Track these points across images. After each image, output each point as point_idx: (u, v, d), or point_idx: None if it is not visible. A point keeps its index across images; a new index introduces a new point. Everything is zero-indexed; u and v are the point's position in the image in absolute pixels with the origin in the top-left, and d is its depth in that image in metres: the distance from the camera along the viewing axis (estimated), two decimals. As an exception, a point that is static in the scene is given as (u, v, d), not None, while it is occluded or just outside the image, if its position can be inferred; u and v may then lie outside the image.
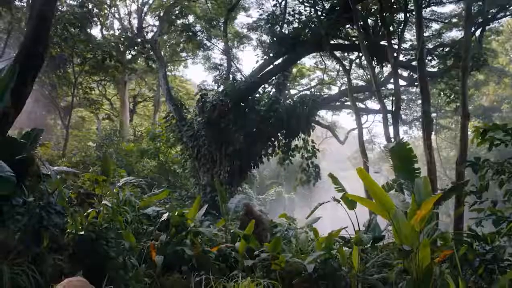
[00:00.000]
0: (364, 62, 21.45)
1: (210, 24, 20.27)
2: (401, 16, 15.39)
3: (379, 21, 15.37)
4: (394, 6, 15.29)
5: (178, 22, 20.55)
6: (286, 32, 17.25)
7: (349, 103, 22.88)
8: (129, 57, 22.69)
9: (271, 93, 19.11)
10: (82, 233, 5.43)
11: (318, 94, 21.76)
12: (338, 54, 19.79)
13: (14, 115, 7.78)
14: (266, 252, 6.45)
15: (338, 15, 15.38)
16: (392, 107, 14.20)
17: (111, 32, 24.76)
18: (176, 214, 6.98)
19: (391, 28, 14.63)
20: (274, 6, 18.19)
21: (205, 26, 20.48)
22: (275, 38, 17.24)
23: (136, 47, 19.66)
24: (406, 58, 18.19)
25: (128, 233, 5.95)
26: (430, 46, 17.38)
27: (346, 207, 8.10)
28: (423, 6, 13.99)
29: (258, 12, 22.37)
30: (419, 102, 25.70)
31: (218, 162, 17.64)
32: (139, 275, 5.59)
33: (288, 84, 21.96)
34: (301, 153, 19.86)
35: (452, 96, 14.81)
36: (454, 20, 18.91)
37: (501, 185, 5.74)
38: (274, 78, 19.16)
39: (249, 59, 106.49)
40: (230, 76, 19.21)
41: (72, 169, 9.12)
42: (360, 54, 18.30)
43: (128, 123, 27.26)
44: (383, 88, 20.28)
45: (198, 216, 8.26)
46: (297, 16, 16.49)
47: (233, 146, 17.32)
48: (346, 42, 18.19)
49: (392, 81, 19.69)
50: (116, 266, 5.54)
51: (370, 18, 15.97)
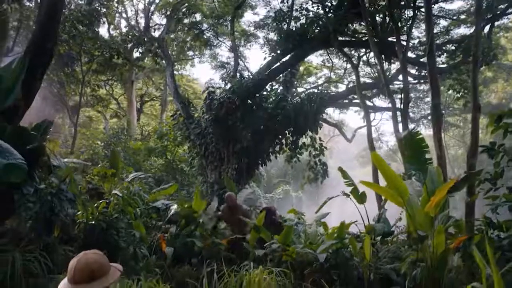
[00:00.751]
0: (371, 60, 21.40)
1: (217, 21, 20.25)
2: (409, 12, 15.32)
3: (387, 17, 15.28)
4: (402, 2, 15.22)
5: (185, 20, 20.53)
6: (294, 29, 17.18)
7: (356, 101, 22.81)
8: (136, 54, 22.71)
9: (279, 90, 19.06)
10: (93, 222, 5.42)
11: (326, 91, 21.68)
12: (345, 51, 19.77)
13: (24, 109, 7.80)
14: (276, 243, 6.41)
15: (346, 11, 15.31)
16: (400, 104, 14.11)
17: (118, 31, 24.84)
18: (185, 206, 6.96)
19: (399, 24, 14.55)
20: (282, 2, 18.11)
21: (212, 23, 20.45)
22: (283, 35, 17.19)
23: (143, 45, 19.64)
24: (414, 55, 18.09)
25: (138, 223, 5.93)
26: (438, 42, 17.24)
27: (355, 201, 8.05)
28: (432, 1, 13.87)
29: (266, 8, 22.28)
30: (427, 99, 25.63)
31: (225, 159, 17.59)
32: (150, 265, 5.56)
33: (295, 82, 21.89)
34: (308, 150, 19.80)
35: (461, 91, 14.69)
36: (463, 16, 18.81)
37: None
38: (281, 75, 19.13)
39: (256, 58, 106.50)
40: (237, 73, 19.15)
41: (81, 161, 9.10)
42: (367, 51, 18.19)
43: (135, 123, 27.31)
44: (391, 85, 20.15)
45: (210, 209, 8.26)
46: (304, 12, 16.41)
47: (240, 144, 17.27)
48: (353, 39, 18.07)
49: (399, 78, 19.67)
50: (126, 256, 5.52)
51: (378, 14, 15.87)
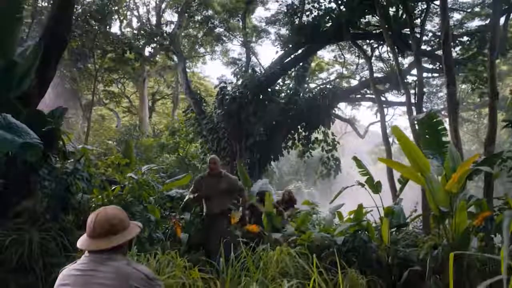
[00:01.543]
0: (384, 55, 21.24)
1: (229, 15, 20.24)
2: (423, 4, 15.13)
3: (401, 8, 15.12)
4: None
5: (197, 16, 20.56)
6: (305, 22, 17.09)
7: (369, 96, 22.66)
8: (149, 49, 22.84)
9: (291, 85, 19.01)
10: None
11: (338, 86, 21.59)
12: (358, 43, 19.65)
13: (38, 98, 7.82)
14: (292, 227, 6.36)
15: (359, 3, 15.19)
16: (414, 98, 13.94)
17: (130, 29, 24.96)
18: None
19: (413, 16, 14.38)
20: (293, -4, 18.03)
21: (223, 18, 20.44)
22: (294, 29, 17.12)
23: (155, 41, 19.71)
24: (429, 47, 17.91)
25: (153, 207, 5.89)
26: (453, 34, 17.03)
27: (370, 191, 7.94)
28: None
29: (277, 2, 22.19)
30: (440, 94, 25.39)
31: (238, 154, 17.58)
32: (166, 248, 5.51)
33: (307, 78, 21.79)
34: (321, 146, 19.74)
35: (476, 82, 14.48)
36: (477, 9, 18.57)
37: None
38: (293, 69, 19.06)
39: (267, 54, 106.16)
40: (249, 68, 19.12)
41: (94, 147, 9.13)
42: (380, 42, 18.02)
43: (147, 120, 27.40)
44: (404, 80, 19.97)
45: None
46: (316, 5, 16.31)
47: (253, 138, 17.27)
48: (366, 32, 17.91)
49: (412, 72, 19.47)
50: (141, 239, 5.48)
51: (391, 6, 15.70)
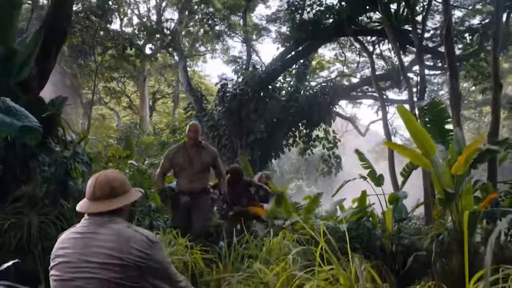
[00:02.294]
0: (385, 53, 21.18)
1: (229, 12, 20.21)
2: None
3: (402, 4, 15.08)
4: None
5: (198, 12, 20.54)
6: (306, 18, 17.04)
7: (370, 93, 22.62)
8: (149, 45, 22.79)
9: (292, 82, 18.97)
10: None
11: (339, 83, 21.55)
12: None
13: (37, 89, 7.76)
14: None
15: (360, -1, 15.16)
16: (416, 94, 13.88)
17: (130, 28, 24.95)
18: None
19: (414, 11, 14.33)
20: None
21: (224, 15, 20.41)
22: (295, 25, 17.06)
23: (156, 36, 19.68)
24: (432, 43, 17.88)
25: (153, 194, 5.84)
26: (454, 30, 16.98)
27: (372, 185, 7.87)
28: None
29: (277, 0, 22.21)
30: (441, 92, 25.30)
31: (238, 151, 17.52)
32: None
33: (308, 76, 21.74)
34: (322, 143, 19.70)
35: (479, 78, 14.44)
36: (478, 6, 18.52)
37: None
38: (294, 66, 19.02)
39: (268, 52, 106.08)
40: (250, 66, 19.07)
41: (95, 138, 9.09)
42: (381, 39, 17.96)
43: (148, 119, 27.35)
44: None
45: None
46: (317, 1, 16.27)
47: (253, 135, 17.20)
48: (367, 28, 17.87)
49: (413, 70, 19.44)
50: (142, 227, 5.41)
51: (392, 2, 15.65)
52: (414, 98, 14.30)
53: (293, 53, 17.69)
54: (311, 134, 19.18)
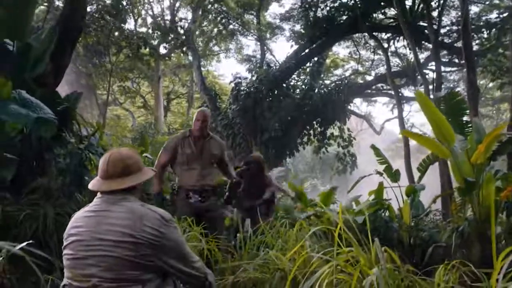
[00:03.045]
0: (399, 50, 20.96)
1: (243, 10, 20.20)
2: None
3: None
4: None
5: (212, 9, 20.58)
6: (320, 16, 16.95)
7: (385, 91, 22.41)
8: (163, 50, 22.91)
9: (306, 80, 18.88)
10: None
11: (354, 81, 21.39)
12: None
13: (53, 86, 7.81)
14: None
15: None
16: (433, 91, 13.70)
17: (144, 29, 25.09)
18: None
19: (430, 7, 14.16)
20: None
21: (238, 12, 20.41)
22: (309, 23, 16.98)
23: (170, 35, 19.74)
24: (448, 38, 17.66)
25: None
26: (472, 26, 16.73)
27: (389, 181, 7.77)
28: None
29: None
30: (458, 89, 24.93)
31: (253, 150, 17.48)
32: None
33: (322, 74, 21.63)
34: (337, 142, 19.57)
35: (497, 72, 14.17)
36: (496, 1, 18.23)
37: None
38: (309, 64, 18.92)
39: (281, 51, 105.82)
40: (264, 64, 19.03)
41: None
42: (395, 35, 17.77)
43: (162, 119, 27.47)
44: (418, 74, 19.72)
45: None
46: (332, -2, 16.20)
47: (268, 134, 17.14)
48: (382, 24, 17.73)
49: (428, 66, 19.18)
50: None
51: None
52: (430, 95, 14.12)
53: (307, 50, 17.62)
54: (326, 132, 19.06)
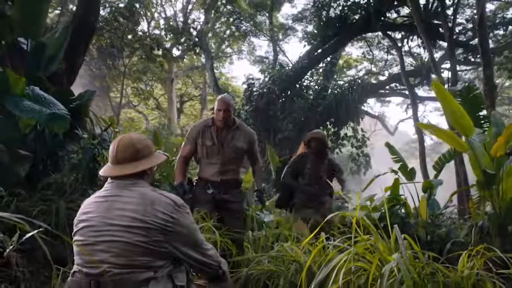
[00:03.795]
0: (413, 50, 20.75)
1: (255, 10, 20.19)
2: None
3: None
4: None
5: (224, 10, 20.62)
6: (333, 15, 16.86)
7: (399, 91, 22.21)
8: (175, 52, 23.01)
9: (319, 81, 18.80)
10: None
11: (367, 81, 21.23)
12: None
13: (66, 86, 7.85)
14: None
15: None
16: (448, 88, 13.50)
17: (157, 31, 25.23)
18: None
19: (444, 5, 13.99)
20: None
21: (250, 13, 20.40)
22: (322, 22, 16.91)
23: (182, 36, 19.81)
24: (463, 36, 17.47)
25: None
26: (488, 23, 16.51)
27: (404, 179, 7.65)
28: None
29: (304, -1, 22.11)
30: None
31: (266, 150, 17.41)
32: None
33: (335, 75, 21.52)
34: (350, 142, 19.43)
35: (513, 70, 13.98)
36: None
37: None
38: (322, 64, 18.84)
39: (294, 52, 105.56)
40: (277, 64, 19.00)
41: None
42: (409, 34, 17.59)
43: (175, 121, 27.59)
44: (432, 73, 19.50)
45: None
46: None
47: (281, 134, 17.08)
48: (396, 23, 17.57)
49: (442, 66, 18.94)
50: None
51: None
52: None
53: (320, 50, 17.52)
54: (339, 132, 18.92)
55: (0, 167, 4.47)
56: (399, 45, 17.61)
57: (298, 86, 17.54)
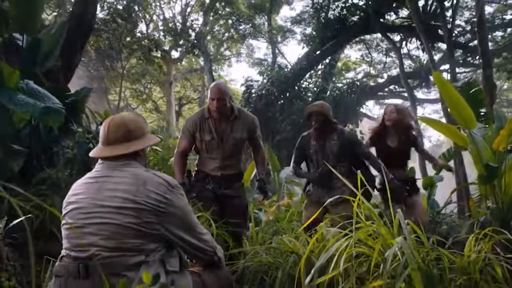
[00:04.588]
0: (412, 52, 20.71)
1: (254, 12, 20.17)
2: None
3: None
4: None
5: (223, 11, 20.59)
6: (332, 17, 16.83)
7: (397, 93, 22.17)
8: (174, 53, 22.93)
9: (317, 83, 18.75)
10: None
11: (366, 83, 21.20)
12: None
13: (62, 83, 7.78)
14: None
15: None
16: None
17: (156, 33, 25.18)
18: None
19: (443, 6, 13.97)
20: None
21: (249, 14, 20.38)
22: (321, 24, 16.88)
23: (181, 37, 19.77)
24: (462, 38, 17.46)
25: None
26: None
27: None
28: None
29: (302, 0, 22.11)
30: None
31: (266, 152, 17.37)
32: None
33: (334, 77, 21.48)
34: (349, 144, 19.31)
35: (513, 71, 13.98)
36: (510, 1, 17.99)
37: None
38: (320, 66, 18.81)
39: (293, 54, 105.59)
40: (275, 66, 18.96)
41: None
42: (407, 36, 17.58)
43: (174, 124, 27.50)
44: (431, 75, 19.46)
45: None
46: (343, -1, 16.07)
47: (280, 136, 17.03)
48: (394, 24, 17.55)
49: (441, 68, 18.91)
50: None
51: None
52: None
53: (318, 52, 17.49)
54: (338, 135, 18.85)
55: (-7, 162, 4.39)
56: (398, 47, 17.57)
57: (296, 88, 17.49)
